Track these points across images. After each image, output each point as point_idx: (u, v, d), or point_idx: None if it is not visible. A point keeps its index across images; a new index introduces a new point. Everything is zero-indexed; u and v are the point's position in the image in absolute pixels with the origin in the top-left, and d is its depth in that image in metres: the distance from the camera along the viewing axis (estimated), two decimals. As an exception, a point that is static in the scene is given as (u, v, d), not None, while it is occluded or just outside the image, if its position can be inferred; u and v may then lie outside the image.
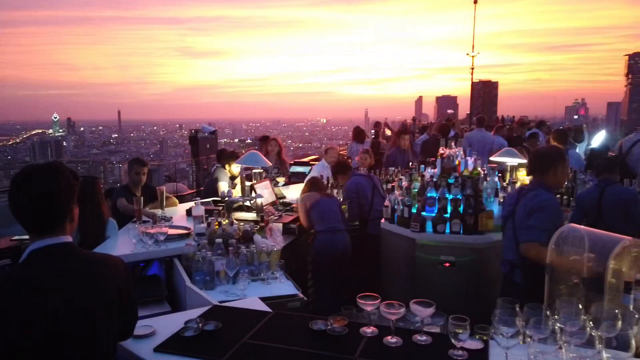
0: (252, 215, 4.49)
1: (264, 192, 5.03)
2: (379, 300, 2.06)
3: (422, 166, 4.31)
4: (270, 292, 3.05)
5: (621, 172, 5.44)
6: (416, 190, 4.00)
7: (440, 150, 4.15)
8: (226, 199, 4.37)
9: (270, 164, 5.65)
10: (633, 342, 1.67)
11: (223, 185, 5.53)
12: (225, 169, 5.84)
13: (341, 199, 4.98)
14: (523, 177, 5.96)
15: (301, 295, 3.09)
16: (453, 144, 4.16)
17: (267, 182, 5.30)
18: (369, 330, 2.10)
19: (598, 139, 8.48)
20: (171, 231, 3.81)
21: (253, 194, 4.73)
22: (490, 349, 1.93)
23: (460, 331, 1.90)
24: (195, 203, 4.33)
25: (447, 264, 3.67)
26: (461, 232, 3.65)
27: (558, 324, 1.80)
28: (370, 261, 4.58)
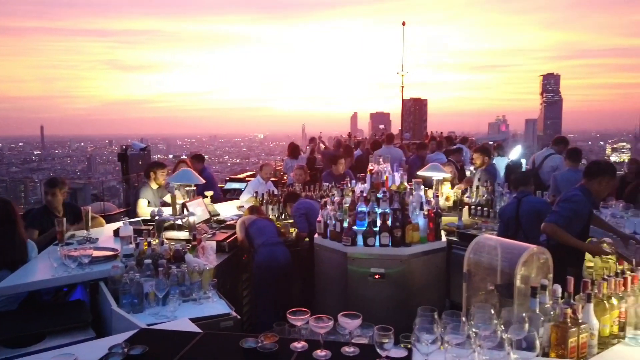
0: (184, 234, 4.41)
1: (197, 210, 4.95)
2: (309, 315, 2.11)
3: (353, 181, 4.44)
4: (202, 312, 3.01)
5: (535, 184, 5.91)
6: (347, 205, 4.11)
7: (370, 166, 4.31)
8: (156, 217, 4.25)
9: (204, 181, 5.57)
10: (537, 342, 1.83)
11: (143, 203, 5.36)
12: (149, 180, 5.60)
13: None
14: (448, 191, 6.31)
15: (234, 314, 3.07)
16: (381, 159, 4.33)
17: (200, 200, 5.22)
18: (299, 345, 2.14)
19: (514, 153, 9.14)
20: (96, 253, 3.65)
21: (185, 212, 4.65)
22: (414, 356, 2.02)
23: (385, 341, 1.98)
24: (123, 223, 4.18)
25: (378, 276, 3.79)
26: (390, 244, 3.80)
27: (473, 329, 1.93)
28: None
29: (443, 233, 4.37)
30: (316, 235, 4.25)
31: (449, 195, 6.24)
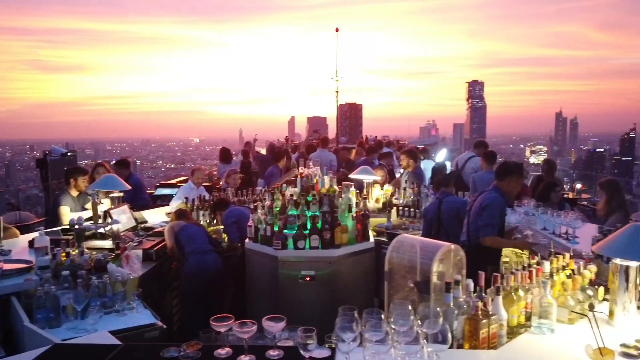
0: (107, 243, 4.22)
1: (122, 218, 4.75)
2: (232, 321, 2.10)
3: (284, 185, 4.46)
4: (125, 323, 2.91)
5: (458, 186, 6.24)
6: (278, 209, 4.12)
7: (300, 170, 4.35)
8: (76, 226, 4.03)
9: (129, 187, 5.35)
10: (450, 335, 1.94)
11: (65, 210, 5.07)
12: (69, 187, 5.29)
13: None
14: (378, 193, 6.50)
15: (160, 324, 2.98)
16: (311, 163, 4.38)
17: (125, 207, 5.02)
18: (224, 351, 2.12)
19: (440, 156, 9.59)
20: (7, 266, 3.41)
21: (109, 220, 4.45)
22: (336, 355, 2.07)
23: (309, 342, 2.01)
24: (39, 233, 3.92)
25: (308, 278, 3.83)
26: (319, 246, 3.85)
27: (392, 326, 2.01)
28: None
29: (372, 234, 4.49)
30: (247, 240, 4.22)
31: (378, 197, 6.44)
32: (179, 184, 8.52)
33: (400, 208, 6.06)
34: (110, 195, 5.19)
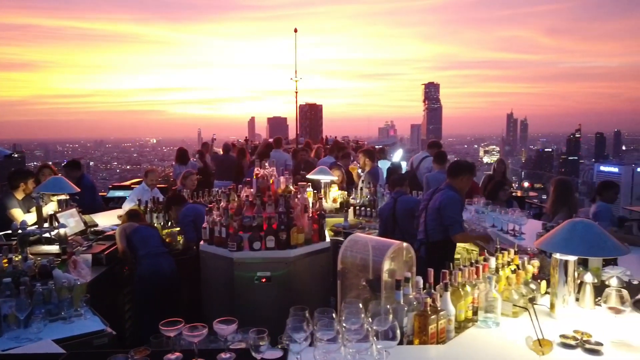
0: (53, 248, 4.05)
1: (69, 221, 4.58)
2: (183, 325, 2.06)
3: (240, 186, 4.42)
4: (72, 331, 2.81)
5: (413, 185, 6.38)
6: (234, 209, 4.08)
7: (256, 171, 4.32)
8: (19, 231, 3.84)
9: (78, 190, 5.15)
10: (398, 332, 1.98)
11: (17, 213, 4.84)
12: (16, 190, 5.04)
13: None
14: (335, 193, 6.56)
15: (109, 330, 2.89)
16: (267, 164, 4.36)
17: (73, 210, 4.83)
18: (173, 356, 2.09)
19: (396, 157, 9.77)
20: (-58, 274, 3.19)
21: (55, 224, 4.27)
22: (288, 356, 2.08)
23: (261, 343, 2.01)
24: (-23, 239, 3.72)
25: (264, 279, 3.81)
26: (275, 247, 3.84)
27: (344, 324, 2.03)
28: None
29: (328, 234, 4.52)
30: (202, 243, 4.16)
31: (336, 197, 6.50)
32: (132, 186, 8.28)
33: (357, 208, 6.15)
34: (57, 198, 4.98)
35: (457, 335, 2.39)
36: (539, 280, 2.81)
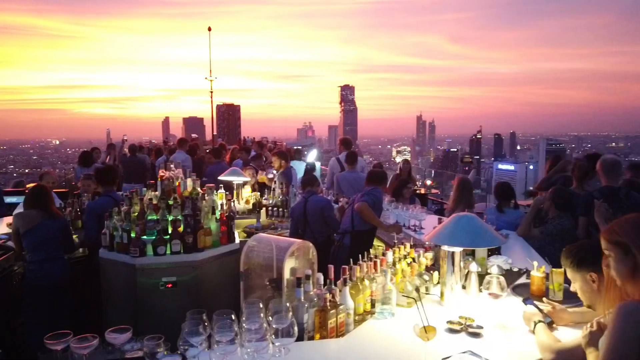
0: None
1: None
2: (71, 336, 1.95)
3: (144, 189, 4.24)
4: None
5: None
6: (136, 214, 3.91)
7: (160, 173, 4.18)
8: None
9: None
10: (295, 329, 2.03)
11: None
12: None
13: None
14: (248, 195, 6.52)
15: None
16: (172, 165, 4.23)
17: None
18: (61, 371, 1.96)
19: (311, 157, 9.94)
20: None
21: None
22: (187, 360, 2.04)
23: (158, 350, 1.96)
24: None
25: (170, 285, 3.70)
26: (181, 251, 3.74)
27: (244, 325, 2.04)
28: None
29: (238, 235, 4.48)
30: (101, 249, 3.93)
31: (248, 198, 6.45)
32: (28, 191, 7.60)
33: (270, 208, 6.16)
34: None
35: (356, 327, 2.49)
36: (431, 272, 3.01)
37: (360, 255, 2.72)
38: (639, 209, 4.22)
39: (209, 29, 23.83)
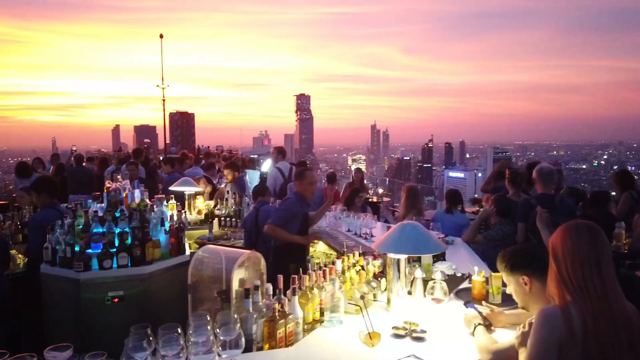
0: None
1: None
2: (7, 357, 1.88)
3: (89, 201, 4.10)
4: None
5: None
6: (80, 227, 3.78)
7: (107, 184, 4.06)
8: None
9: None
10: (242, 340, 2.04)
11: None
12: None
13: None
14: (200, 204, 6.44)
15: None
16: (119, 177, 4.13)
17: None
18: (-5, 393, 1.88)
19: (265, 166, 9.90)
20: None
21: None
22: (131, 376, 2.00)
23: (99, 367, 1.91)
24: None
25: (116, 299, 3.59)
26: (129, 264, 3.65)
27: (191, 338, 2.03)
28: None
29: (189, 247, 4.42)
30: (43, 264, 3.77)
31: (200, 208, 6.37)
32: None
33: (223, 218, 6.11)
34: None
35: (305, 336, 2.52)
36: (379, 279, 3.10)
37: (305, 265, 2.71)
38: (572, 214, 4.52)
39: (161, 36, 23.44)
